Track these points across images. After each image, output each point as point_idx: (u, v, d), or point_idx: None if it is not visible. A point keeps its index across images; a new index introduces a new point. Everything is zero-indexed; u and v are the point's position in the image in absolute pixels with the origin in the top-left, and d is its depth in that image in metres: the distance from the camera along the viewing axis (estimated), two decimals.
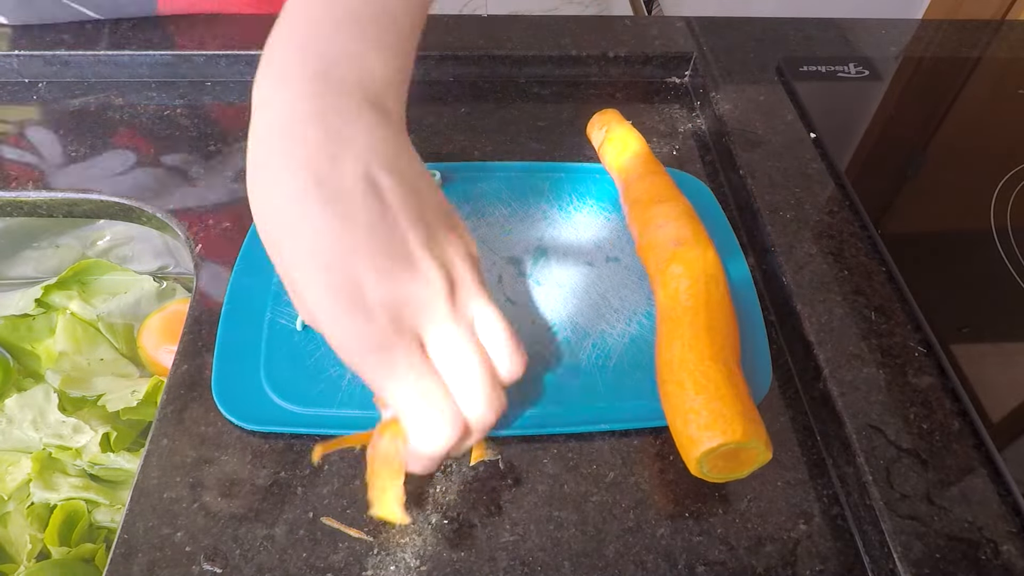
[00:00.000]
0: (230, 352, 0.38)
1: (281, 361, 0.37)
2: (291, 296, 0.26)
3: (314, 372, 0.37)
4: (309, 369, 0.37)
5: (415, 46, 0.29)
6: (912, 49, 0.59)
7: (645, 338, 0.39)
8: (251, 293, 0.40)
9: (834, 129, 0.50)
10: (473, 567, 0.32)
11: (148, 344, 0.51)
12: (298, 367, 0.37)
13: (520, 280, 0.42)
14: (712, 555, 0.33)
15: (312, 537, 0.33)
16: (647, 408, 0.36)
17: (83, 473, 0.46)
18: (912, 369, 0.36)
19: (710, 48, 0.56)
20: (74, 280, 0.53)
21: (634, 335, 0.39)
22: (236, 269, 0.41)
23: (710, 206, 0.47)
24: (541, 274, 0.42)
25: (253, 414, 0.35)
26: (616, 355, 0.38)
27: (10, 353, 0.51)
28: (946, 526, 0.31)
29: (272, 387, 0.36)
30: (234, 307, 0.40)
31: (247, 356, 0.37)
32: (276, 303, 0.39)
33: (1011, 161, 0.48)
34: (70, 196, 0.46)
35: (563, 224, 0.45)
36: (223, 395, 0.36)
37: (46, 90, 0.53)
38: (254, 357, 0.37)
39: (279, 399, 0.36)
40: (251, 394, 0.36)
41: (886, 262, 0.41)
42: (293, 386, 0.36)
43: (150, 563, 0.32)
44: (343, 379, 0.37)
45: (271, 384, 0.36)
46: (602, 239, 0.44)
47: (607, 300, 0.41)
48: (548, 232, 0.45)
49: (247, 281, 0.41)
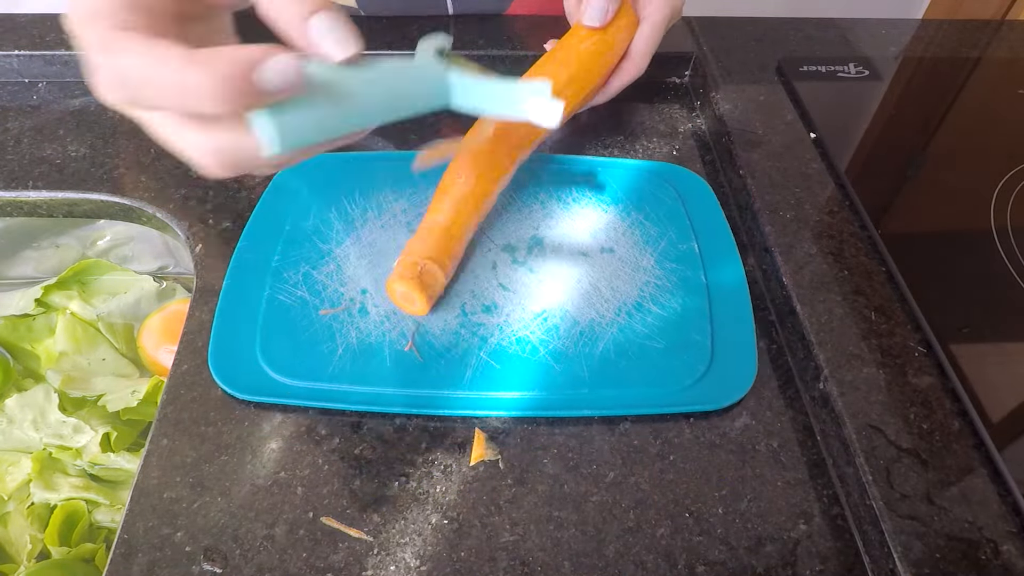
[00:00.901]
0: (228, 325, 0.39)
1: (277, 335, 0.38)
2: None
3: (308, 347, 0.38)
4: (303, 344, 0.38)
5: None
6: (912, 49, 0.59)
7: (633, 328, 0.40)
8: (252, 269, 0.41)
9: (834, 129, 0.50)
10: (473, 567, 0.32)
11: (148, 344, 0.51)
12: (293, 341, 0.38)
13: (513, 267, 0.42)
14: (712, 555, 0.33)
15: (312, 537, 0.33)
16: (630, 395, 0.37)
17: (83, 473, 0.46)
18: (912, 369, 0.36)
19: (710, 48, 0.56)
20: (74, 280, 0.53)
21: (622, 325, 0.40)
22: (239, 246, 0.42)
23: (710, 205, 0.47)
24: (535, 262, 0.43)
25: (247, 385, 0.36)
26: (603, 343, 0.39)
27: (10, 353, 0.51)
28: (946, 526, 0.31)
29: (266, 360, 0.37)
30: (234, 282, 0.41)
31: (244, 330, 0.38)
32: (275, 280, 0.40)
33: (1011, 161, 0.48)
34: (70, 196, 0.46)
35: (559, 214, 0.46)
36: (219, 366, 0.37)
37: (46, 90, 0.53)
38: (251, 331, 0.38)
39: (273, 372, 0.37)
40: (246, 366, 0.37)
41: (886, 262, 0.41)
42: (287, 359, 0.37)
43: (150, 563, 0.32)
44: (335, 354, 0.37)
45: (266, 357, 0.37)
46: (597, 230, 0.45)
47: (598, 290, 0.41)
48: (544, 221, 0.45)
49: (249, 257, 0.42)
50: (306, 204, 0.45)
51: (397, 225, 0.44)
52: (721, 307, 0.41)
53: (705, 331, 0.39)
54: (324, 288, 0.40)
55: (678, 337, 0.39)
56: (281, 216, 0.44)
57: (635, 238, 0.44)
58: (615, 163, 0.49)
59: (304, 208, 0.44)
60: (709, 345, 0.39)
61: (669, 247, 0.44)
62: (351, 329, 0.39)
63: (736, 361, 0.39)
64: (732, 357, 0.39)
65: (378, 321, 0.39)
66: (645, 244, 0.44)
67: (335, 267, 0.41)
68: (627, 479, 0.35)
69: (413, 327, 0.39)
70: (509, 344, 0.39)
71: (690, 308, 0.40)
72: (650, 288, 0.41)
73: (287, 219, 0.44)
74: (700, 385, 0.37)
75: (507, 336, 0.39)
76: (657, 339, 0.39)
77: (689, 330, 0.39)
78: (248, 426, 0.36)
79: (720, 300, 0.41)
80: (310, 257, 0.42)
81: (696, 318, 0.40)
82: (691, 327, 0.40)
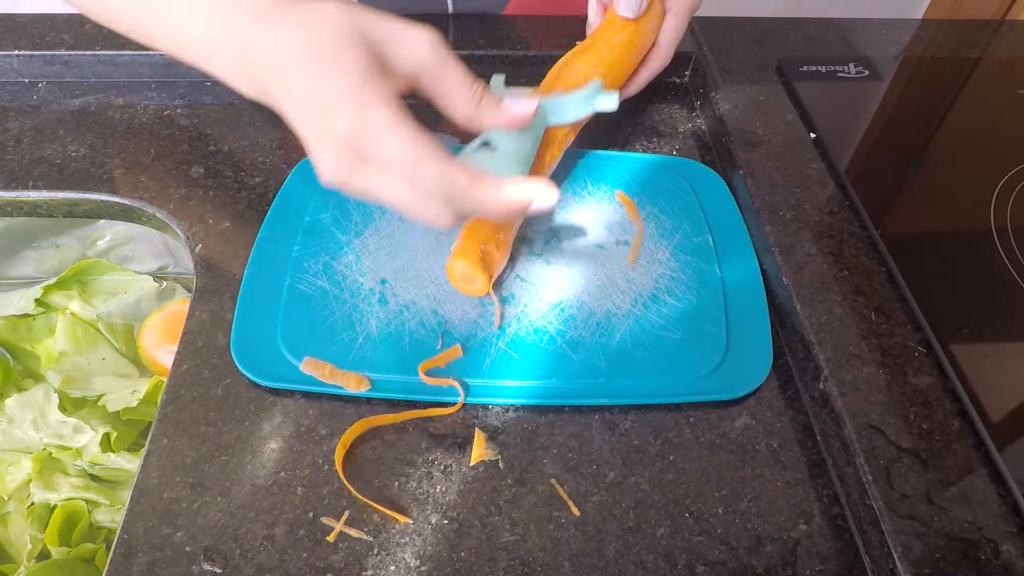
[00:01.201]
0: (250, 314, 0.39)
1: (297, 324, 0.39)
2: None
3: (328, 335, 0.38)
4: (323, 332, 0.38)
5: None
6: (912, 49, 0.59)
7: (649, 319, 0.40)
8: (272, 260, 0.42)
9: (834, 129, 0.49)
10: (473, 567, 0.32)
11: (148, 344, 0.51)
12: (313, 330, 0.39)
13: (531, 259, 0.43)
14: (712, 555, 0.33)
15: (312, 537, 0.33)
16: (647, 385, 0.37)
17: (83, 473, 0.46)
18: (912, 369, 0.36)
19: (710, 48, 0.56)
20: (74, 280, 0.53)
21: (638, 316, 0.40)
22: (259, 237, 0.43)
23: (723, 199, 0.47)
24: (551, 254, 0.43)
25: (268, 371, 0.37)
26: (619, 333, 0.39)
27: (10, 353, 0.51)
28: (946, 526, 0.31)
29: (287, 347, 0.38)
30: (256, 271, 0.41)
31: (266, 318, 0.39)
32: (296, 270, 0.41)
33: (1011, 161, 0.48)
34: (70, 196, 0.46)
35: (576, 207, 0.46)
36: (241, 353, 0.38)
37: (46, 90, 0.53)
38: (272, 319, 0.39)
39: (294, 359, 0.37)
40: (268, 354, 0.38)
41: (886, 262, 0.41)
42: (307, 347, 0.38)
43: (150, 563, 0.32)
44: (355, 342, 0.38)
45: (287, 345, 0.38)
46: (613, 223, 0.45)
47: (614, 281, 0.42)
48: (560, 214, 0.46)
49: (270, 248, 0.42)
50: (324, 196, 0.45)
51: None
52: (736, 298, 0.41)
53: (720, 322, 0.40)
54: (344, 278, 0.41)
55: (693, 328, 0.40)
56: (300, 208, 0.45)
57: (650, 231, 0.45)
58: (630, 157, 0.50)
59: (323, 200, 0.45)
60: (724, 336, 0.39)
61: (684, 240, 0.44)
62: (371, 318, 0.39)
63: (752, 351, 0.39)
64: (748, 347, 0.39)
65: (396, 311, 0.40)
66: (660, 237, 0.45)
67: (354, 257, 0.42)
68: (627, 479, 0.35)
69: (435, 320, 0.39)
70: (527, 334, 0.39)
71: (705, 299, 0.41)
72: (665, 280, 0.42)
73: (306, 211, 0.44)
74: (716, 375, 0.38)
75: (525, 326, 0.40)
76: (673, 330, 0.40)
77: (704, 321, 0.40)
78: (248, 426, 0.36)
79: (735, 291, 0.42)
80: (329, 248, 0.43)
81: (711, 309, 0.41)
82: (706, 318, 0.40)
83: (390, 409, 0.37)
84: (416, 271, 0.42)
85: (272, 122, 0.51)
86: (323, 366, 0.37)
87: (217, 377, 0.38)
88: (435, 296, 0.41)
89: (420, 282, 0.41)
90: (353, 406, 0.37)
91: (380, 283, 0.41)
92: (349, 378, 0.36)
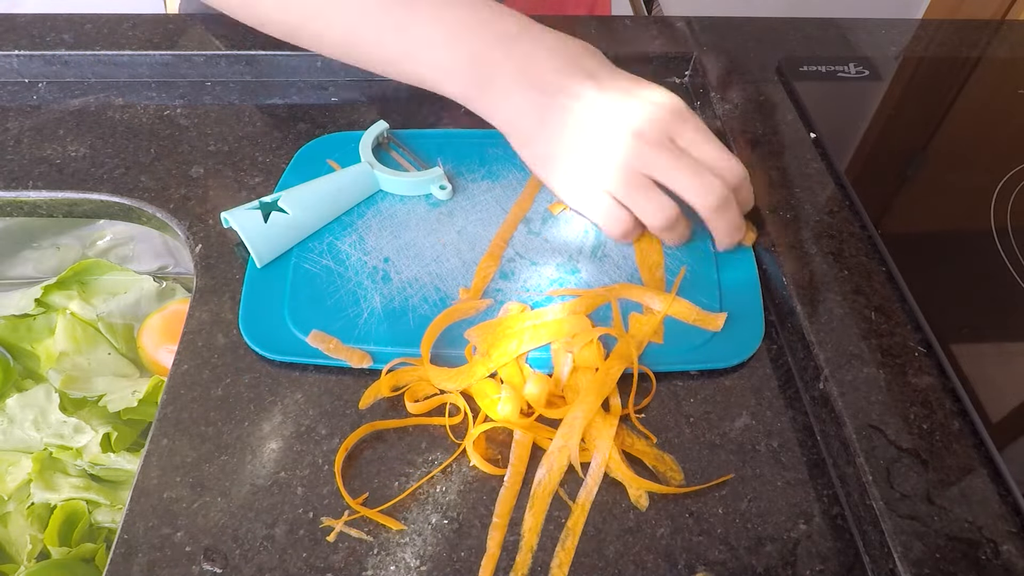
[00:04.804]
0: (257, 291, 0.41)
1: (304, 300, 0.40)
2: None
3: (334, 311, 0.40)
4: (329, 308, 0.40)
5: None
6: (912, 49, 0.59)
7: None
8: None
9: (834, 129, 0.50)
10: (473, 567, 0.32)
11: (148, 344, 0.51)
12: (319, 306, 0.40)
13: (529, 238, 0.44)
14: (712, 555, 0.33)
15: (312, 537, 0.33)
16: (644, 355, 0.39)
17: (83, 473, 0.46)
18: (912, 369, 0.36)
19: (710, 48, 0.56)
20: (74, 280, 0.53)
21: None
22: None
23: None
24: (550, 232, 0.45)
25: (277, 346, 0.38)
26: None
27: (10, 353, 0.51)
28: (946, 526, 0.31)
29: (294, 323, 0.39)
30: None
31: (273, 295, 0.41)
32: (301, 249, 0.43)
33: (1011, 161, 0.48)
34: (70, 196, 0.47)
35: None
36: (249, 328, 0.39)
37: (46, 90, 0.53)
38: (279, 296, 0.40)
39: (301, 334, 0.39)
40: (276, 329, 0.39)
41: (886, 262, 0.41)
42: (314, 323, 0.39)
43: (150, 563, 0.32)
44: (360, 317, 0.39)
45: (293, 320, 0.39)
46: None
47: (610, 257, 0.43)
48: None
49: None
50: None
51: (415, 198, 0.46)
52: (728, 272, 0.43)
53: (714, 295, 0.41)
54: (348, 257, 0.42)
55: (687, 300, 0.41)
56: None
57: None
58: None
59: None
60: (718, 308, 0.41)
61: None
62: (375, 295, 0.40)
63: (744, 322, 0.40)
64: (740, 318, 0.40)
65: (400, 287, 0.41)
66: None
67: (357, 237, 0.43)
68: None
69: (437, 296, 0.41)
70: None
71: (698, 273, 0.42)
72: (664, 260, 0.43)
73: None
74: (710, 345, 0.39)
75: (525, 302, 0.40)
76: None
77: (698, 293, 0.41)
78: (248, 426, 0.36)
79: (727, 265, 0.43)
80: (333, 228, 0.44)
81: (704, 283, 0.42)
82: (700, 291, 0.41)
83: (392, 414, 0.37)
84: (418, 249, 0.43)
85: (272, 122, 0.51)
86: (329, 339, 0.38)
87: (217, 377, 0.38)
88: (437, 273, 0.42)
89: (422, 260, 0.42)
90: (353, 407, 0.37)
91: (383, 261, 0.42)
92: (352, 353, 0.38)
